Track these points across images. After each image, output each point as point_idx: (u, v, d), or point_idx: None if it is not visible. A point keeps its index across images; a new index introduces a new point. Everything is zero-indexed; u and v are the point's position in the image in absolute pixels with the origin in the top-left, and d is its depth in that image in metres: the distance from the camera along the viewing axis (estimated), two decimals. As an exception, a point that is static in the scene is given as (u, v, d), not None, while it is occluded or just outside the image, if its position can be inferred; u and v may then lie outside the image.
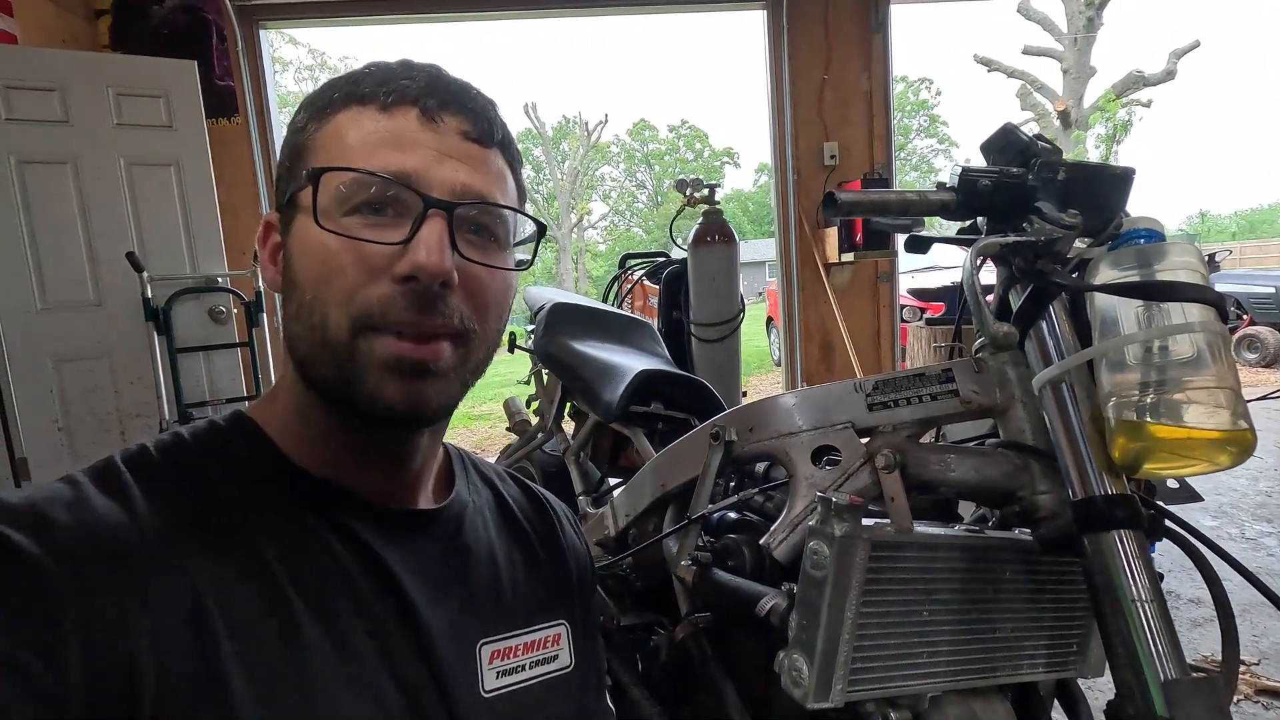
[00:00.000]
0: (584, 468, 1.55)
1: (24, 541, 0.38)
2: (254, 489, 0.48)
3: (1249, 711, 1.78)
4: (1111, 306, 0.64)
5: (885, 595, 0.69)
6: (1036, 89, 14.37)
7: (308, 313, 0.47)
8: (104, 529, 0.41)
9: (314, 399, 0.50)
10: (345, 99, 0.49)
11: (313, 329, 0.47)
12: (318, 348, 0.47)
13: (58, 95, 2.77)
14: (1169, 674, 0.57)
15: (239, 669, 0.41)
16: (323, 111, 0.50)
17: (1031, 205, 0.69)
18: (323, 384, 0.48)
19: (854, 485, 0.78)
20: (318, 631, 0.45)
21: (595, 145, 28.68)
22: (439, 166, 0.47)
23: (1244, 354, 7.06)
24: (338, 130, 0.48)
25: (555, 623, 0.60)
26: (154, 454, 0.47)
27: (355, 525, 0.50)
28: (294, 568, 0.46)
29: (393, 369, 0.46)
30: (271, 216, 0.54)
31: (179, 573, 0.42)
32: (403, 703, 0.47)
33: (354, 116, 0.48)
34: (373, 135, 0.47)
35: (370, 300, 0.46)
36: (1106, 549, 0.62)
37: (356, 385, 0.46)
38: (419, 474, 0.55)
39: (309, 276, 0.47)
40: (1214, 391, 0.58)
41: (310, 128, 0.50)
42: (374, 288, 0.46)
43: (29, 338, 2.77)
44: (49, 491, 0.43)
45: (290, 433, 0.51)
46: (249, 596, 0.43)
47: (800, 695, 0.66)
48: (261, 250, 0.54)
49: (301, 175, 0.48)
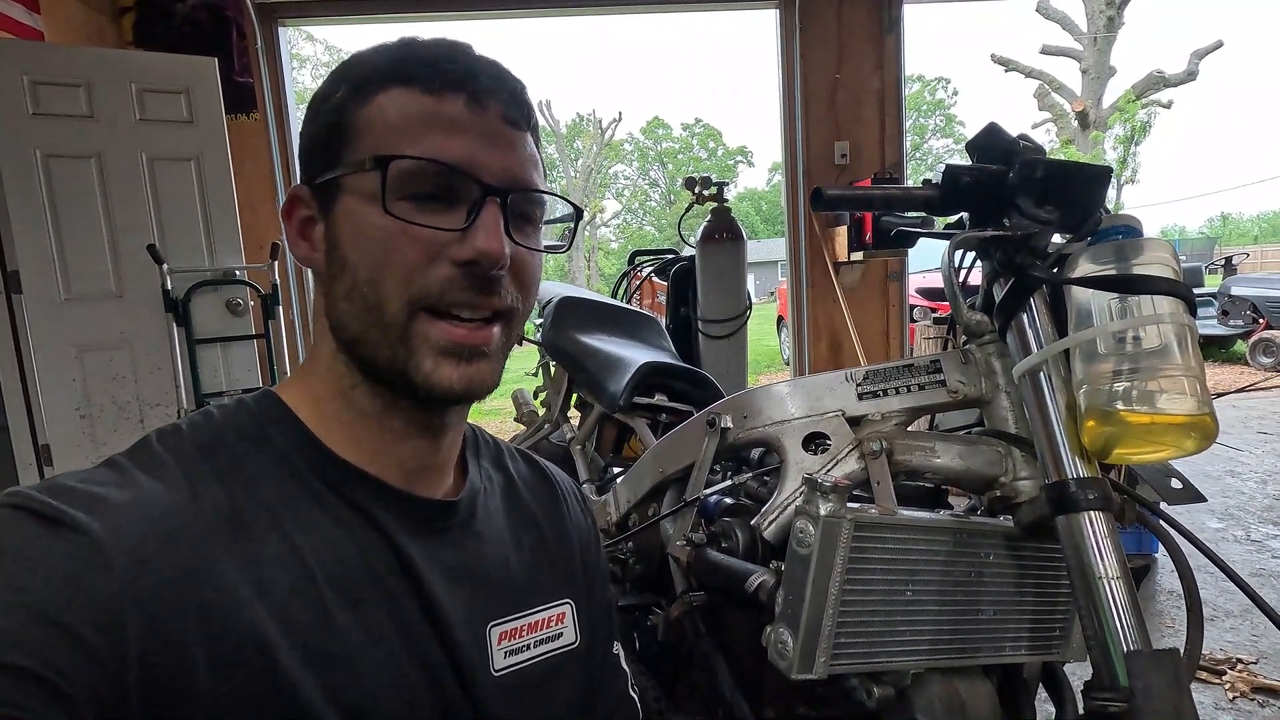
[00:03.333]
0: (589, 457, 1.58)
1: (84, 519, 0.40)
2: (287, 472, 0.49)
3: (1245, 709, 1.79)
4: (1087, 299, 0.67)
5: (869, 574, 0.72)
6: (1055, 89, 14.24)
7: (361, 294, 0.48)
8: (154, 510, 0.43)
9: (360, 378, 0.51)
10: (388, 78, 0.49)
11: (368, 310, 0.48)
12: (373, 329, 0.48)
13: (83, 91, 2.84)
14: (1131, 647, 0.60)
15: (283, 643, 0.44)
16: (362, 88, 0.49)
17: (1011, 202, 0.72)
18: (374, 364, 0.50)
19: (842, 470, 0.81)
20: (346, 616, 0.47)
21: (609, 143, 28.73)
22: (488, 152, 0.49)
23: (1259, 358, 6.93)
24: (383, 111, 0.48)
25: (560, 602, 0.62)
26: (188, 436, 0.48)
27: (380, 515, 0.51)
28: (323, 554, 0.48)
29: (449, 353, 0.49)
30: (301, 191, 0.52)
31: (223, 553, 0.44)
32: (424, 684, 0.50)
33: (399, 98, 0.48)
34: (423, 119, 0.48)
35: (429, 283, 0.48)
36: (1077, 529, 0.65)
37: (413, 368, 0.48)
38: (447, 453, 0.57)
39: (365, 259, 0.48)
40: (1180, 379, 0.61)
41: (350, 105, 0.49)
42: (433, 270, 0.48)
43: (53, 327, 2.85)
44: (97, 474, 0.44)
45: (325, 413, 0.52)
46: (284, 580, 0.45)
47: (785, 667, 0.70)
48: (288, 224, 0.53)
49: (347, 156, 0.49)
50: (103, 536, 0.40)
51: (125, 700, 0.38)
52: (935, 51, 42.38)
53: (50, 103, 2.78)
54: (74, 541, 0.39)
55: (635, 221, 34.04)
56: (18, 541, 0.39)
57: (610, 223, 33.16)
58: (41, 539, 0.39)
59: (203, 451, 0.48)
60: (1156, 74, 13.52)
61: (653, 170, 34.14)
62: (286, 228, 0.53)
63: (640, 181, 34.41)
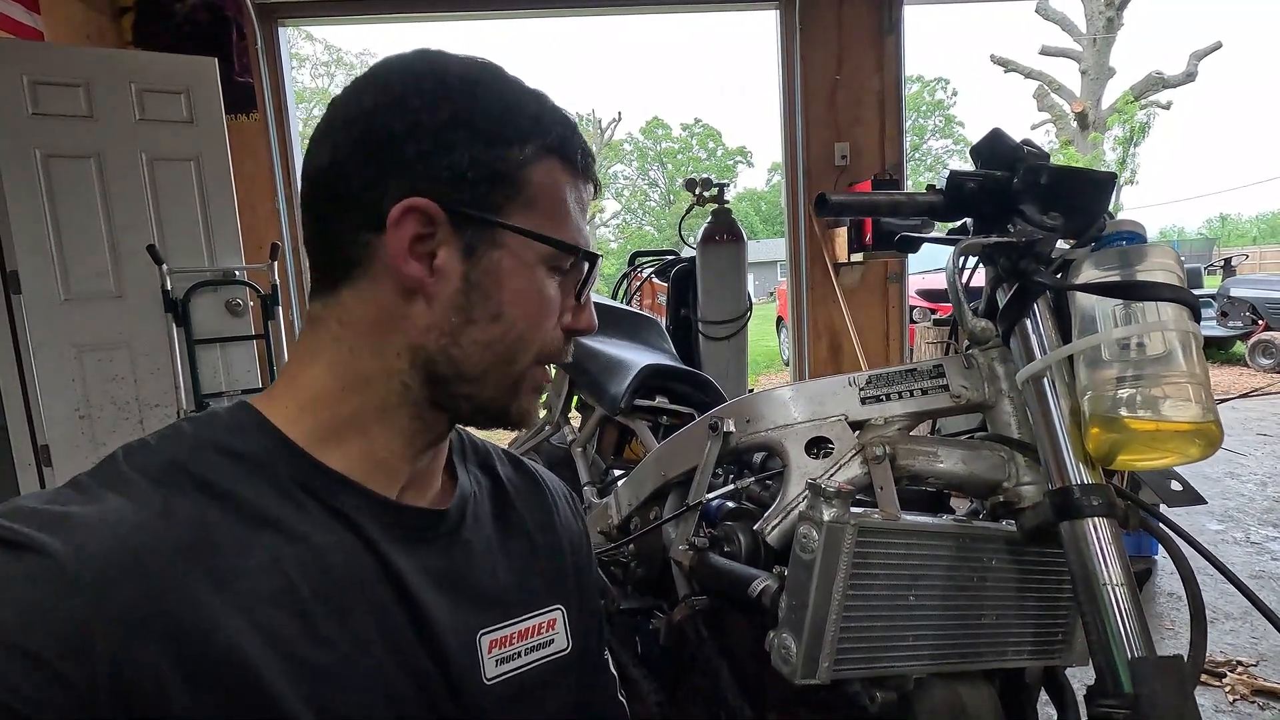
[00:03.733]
0: (590, 459, 1.58)
1: (46, 540, 0.39)
2: (266, 483, 0.48)
3: (1245, 711, 1.80)
4: (1091, 305, 0.67)
5: (871, 579, 0.72)
6: (1054, 90, 14.26)
7: (504, 345, 0.52)
8: (121, 528, 0.41)
9: (423, 401, 0.53)
10: (549, 149, 0.52)
11: (502, 359, 0.53)
12: (497, 373, 0.53)
13: (82, 91, 2.84)
14: (1136, 653, 0.60)
15: (266, 658, 0.43)
16: (522, 144, 0.51)
17: (1015, 207, 0.72)
18: (473, 399, 0.54)
19: (845, 475, 0.81)
20: (332, 626, 0.47)
21: (608, 143, 28.71)
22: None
23: (1258, 359, 6.94)
24: (553, 183, 0.53)
25: (551, 608, 0.62)
26: (157, 450, 0.47)
27: (365, 523, 0.50)
28: (306, 565, 0.47)
29: (536, 391, 0.57)
30: (432, 209, 0.48)
31: (195, 570, 0.42)
32: (414, 694, 0.50)
33: (563, 176, 0.53)
34: (578, 207, 0.55)
35: (549, 343, 0.55)
36: (1081, 535, 0.65)
37: (515, 406, 0.56)
38: (437, 459, 0.59)
39: (520, 317, 0.53)
40: (1184, 386, 0.61)
41: (512, 156, 0.51)
42: (554, 332, 0.55)
43: (53, 327, 2.84)
44: (60, 494, 0.43)
45: (315, 422, 0.51)
46: (265, 592, 0.44)
47: (788, 672, 0.70)
48: (394, 231, 0.48)
49: (514, 211, 0.51)
50: (66, 558, 0.39)
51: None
52: (935, 52, 42.44)
53: (50, 102, 2.78)
54: (36, 565, 0.38)
55: (635, 222, 34.05)
56: None
57: (610, 223, 33.17)
58: (2, 564, 0.38)
59: (174, 465, 0.46)
60: (1155, 75, 13.54)
61: (652, 170, 34.16)
62: (392, 240, 0.49)
63: (640, 182, 34.44)
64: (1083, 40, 13.68)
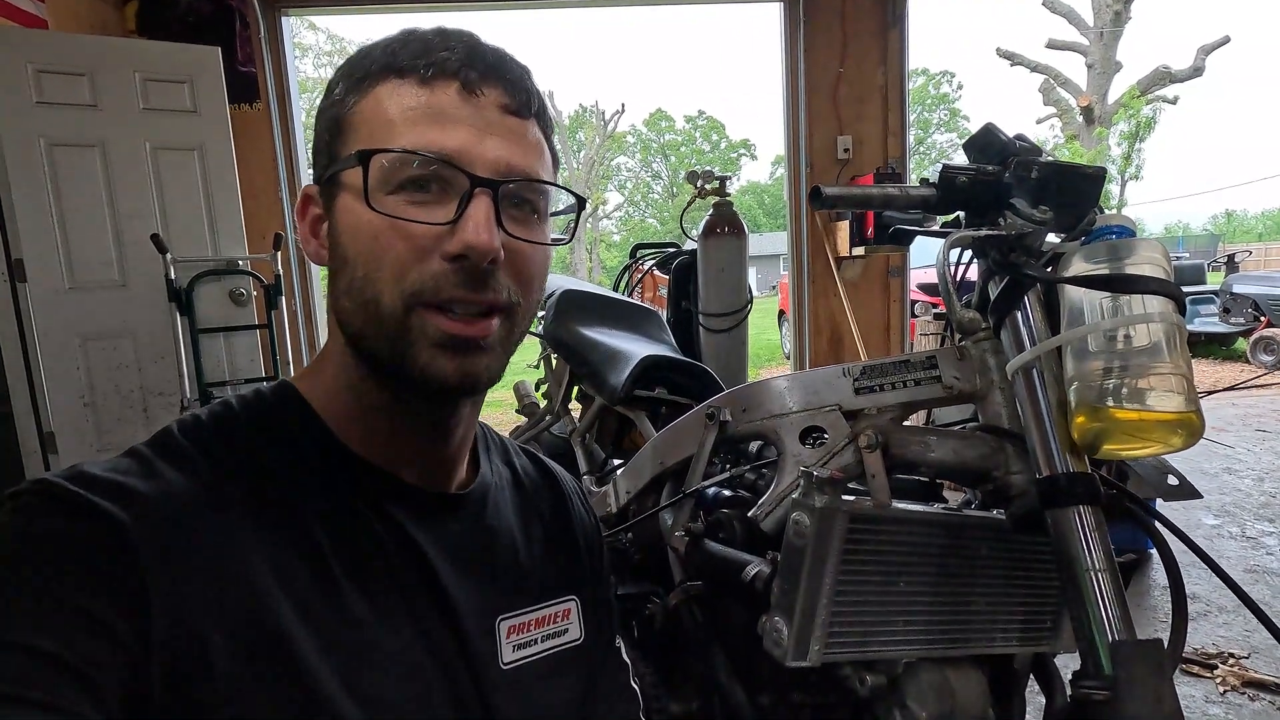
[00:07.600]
0: (589, 449, 1.60)
1: (110, 508, 0.41)
2: (303, 466, 0.50)
3: (1235, 702, 1.82)
4: (1080, 298, 0.68)
5: (863, 565, 0.73)
6: (1060, 84, 14.18)
7: (359, 290, 0.48)
8: (177, 499, 0.44)
9: (365, 373, 0.51)
10: (383, 70, 0.49)
11: (365, 305, 0.48)
12: (370, 324, 0.48)
13: (86, 80, 2.85)
14: (1116, 636, 0.62)
15: (301, 632, 0.44)
16: (360, 83, 0.49)
17: (1006, 201, 0.73)
18: (375, 358, 0.50)
19: (838, 463, 0.82)
20: (362, 606, 0.48)
21: (612, 135, 28.63)
22: (482, 143, 0.48)
23: (1260, 356, 6.93)
24: (378, 104, 0.48)
25: (566, 598, 0.63)
26: (208, 426, 0.49)
27: (392, 507, 0.52)
28: (339, 546, 0.48)
29: (445, 346, 0.48)
30: (311, 189, 0.53)
31: (242, 543, 0.45)
32: (438, 674, 0.51)
33: (393, 90, 0.48)
34: (414, 111, 0.47)
35: (422, 278, 0.47)
36: (1065, 522, 0.67)
37: (409, 360, 0.48)
38: (459, 447, 0.57)
39: (360, 255, 0.48)
40: (1169, 377, 0.62)
41: (349, 100, 0.50)
42: (424, 266, 0.47)
43: (57, 316, 2.86)
44: (120, 464, 0.45)
45: (337, 407, 0.53)
46: (303, 570, 0.46)
47: (780, 655, 0.71)
48: (301, 222, 0.54)
49: (343, 152, 0.49)
50: (129, 525, 0.41)
51: (148, 685, 0.39)
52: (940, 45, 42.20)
53: (54, 91, 2.79)
54: (101, 530, 0.40)
55: (637, 214, 33.98)
56: (46, 530, 0.40)
57: (612, 215, 33.15)
58: (69, 527, 0.40)
59: (222, 442, 0.48)
60: (1163, 69, 13.47)
61: (655, 162, 34.06)
62: (299, 226, 0.54)
63: (643, 174, 34.34)
64: (1090, 34, 13.60)
